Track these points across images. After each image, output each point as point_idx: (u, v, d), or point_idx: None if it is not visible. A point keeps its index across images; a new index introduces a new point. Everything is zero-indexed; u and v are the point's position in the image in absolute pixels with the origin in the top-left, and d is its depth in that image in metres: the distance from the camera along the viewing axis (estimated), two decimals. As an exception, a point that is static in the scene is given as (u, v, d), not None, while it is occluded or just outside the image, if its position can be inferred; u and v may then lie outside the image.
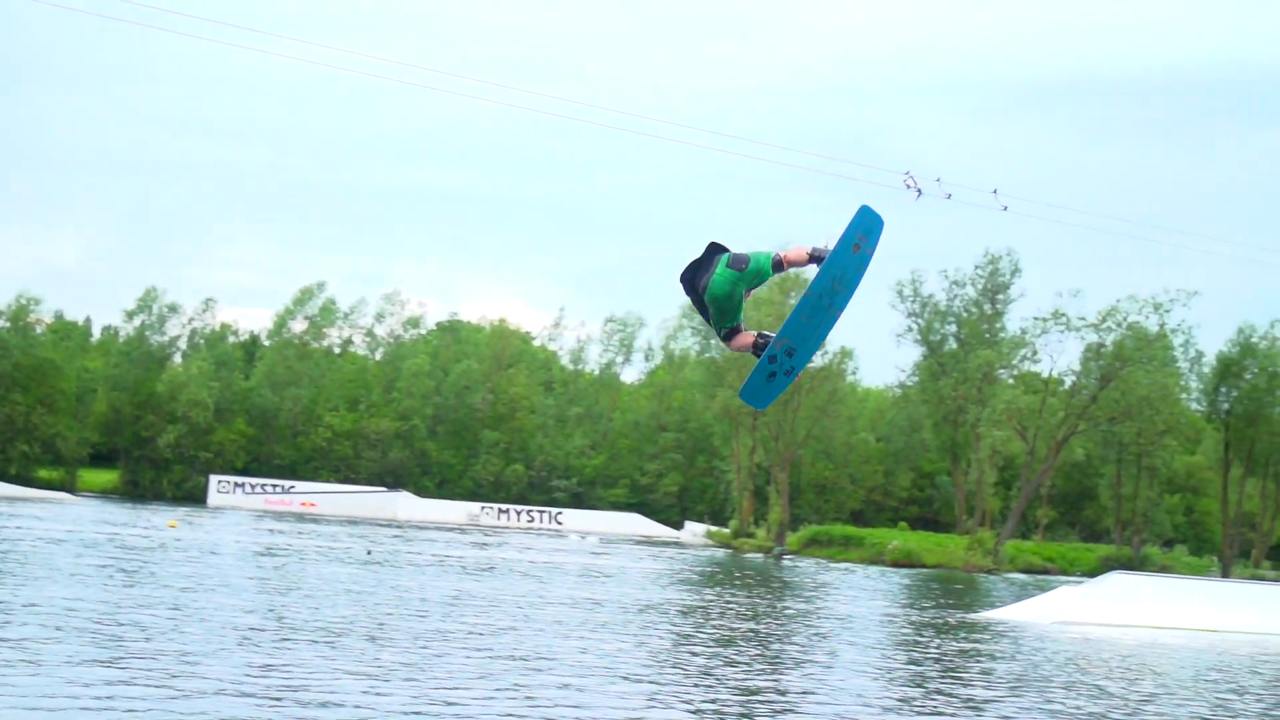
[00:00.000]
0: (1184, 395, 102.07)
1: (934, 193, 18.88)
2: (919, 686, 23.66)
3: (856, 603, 47.97)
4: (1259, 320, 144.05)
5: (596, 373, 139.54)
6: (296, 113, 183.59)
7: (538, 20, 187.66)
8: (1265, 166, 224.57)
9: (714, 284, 13.68)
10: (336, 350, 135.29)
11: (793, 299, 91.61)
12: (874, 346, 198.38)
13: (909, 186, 18.59)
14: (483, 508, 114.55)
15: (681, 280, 13.78)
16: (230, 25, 29.77)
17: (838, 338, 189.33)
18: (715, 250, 13.68)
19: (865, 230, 14.13)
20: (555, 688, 19.68)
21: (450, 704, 17.59)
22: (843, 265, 13.70)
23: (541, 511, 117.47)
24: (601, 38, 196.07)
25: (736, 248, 13.75)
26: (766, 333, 13.97)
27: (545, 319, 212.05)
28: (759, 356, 13.89)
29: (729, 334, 13.91)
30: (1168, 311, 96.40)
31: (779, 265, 13.66)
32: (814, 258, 13.73)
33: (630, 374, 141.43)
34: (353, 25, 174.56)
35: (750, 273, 13.60)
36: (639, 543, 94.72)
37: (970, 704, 21.81)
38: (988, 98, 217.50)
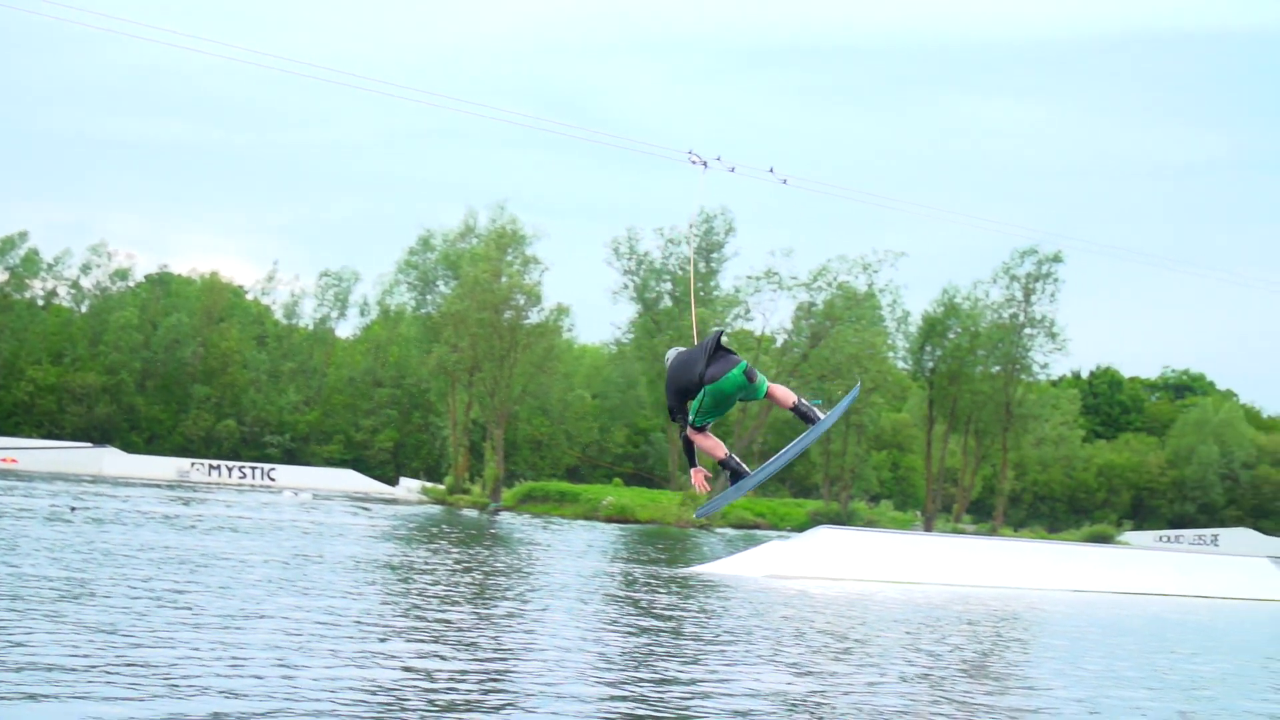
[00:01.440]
0: (891, 354, 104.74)
1: (718, 167, 19.10)
2: (633, 638, 23.80)
3: (571, 558, 48.15)
4: (962, 281, 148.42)
5: (311, 327, 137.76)
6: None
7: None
8: (969, 132, 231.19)
9: (727, 381, 14.78)
10: (40, 303, 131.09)
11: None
12: (590, 304, 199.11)
13: (694, 162, 18.88)
14: (193, 464, 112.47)
15: (679, 359, 15.14)
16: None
17: (554, 294, 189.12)
18: (723, 344, 15.02)
19: (854, 401, 17.01)
20: (264, 646, 19.31)
21: (150, 665, 17.12)
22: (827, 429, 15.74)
23: (254, 468, 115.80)
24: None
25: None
26: (740, 462, 15.55)
27: (258, 272, 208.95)
28: (725, 469, 15.46)
29: (702, 428, 15.17)
30: (876, 272, 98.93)
31: (768, 395, 15.17)
32: (798, 410, 15.45)
33: (345, 329, 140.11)
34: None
35: (753, 389, 14.94)
36: (353, 499, 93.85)
37: (683, 656, 22.02)
38: (709, 59, 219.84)
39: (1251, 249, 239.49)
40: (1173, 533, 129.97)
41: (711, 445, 15.41)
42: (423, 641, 21.22)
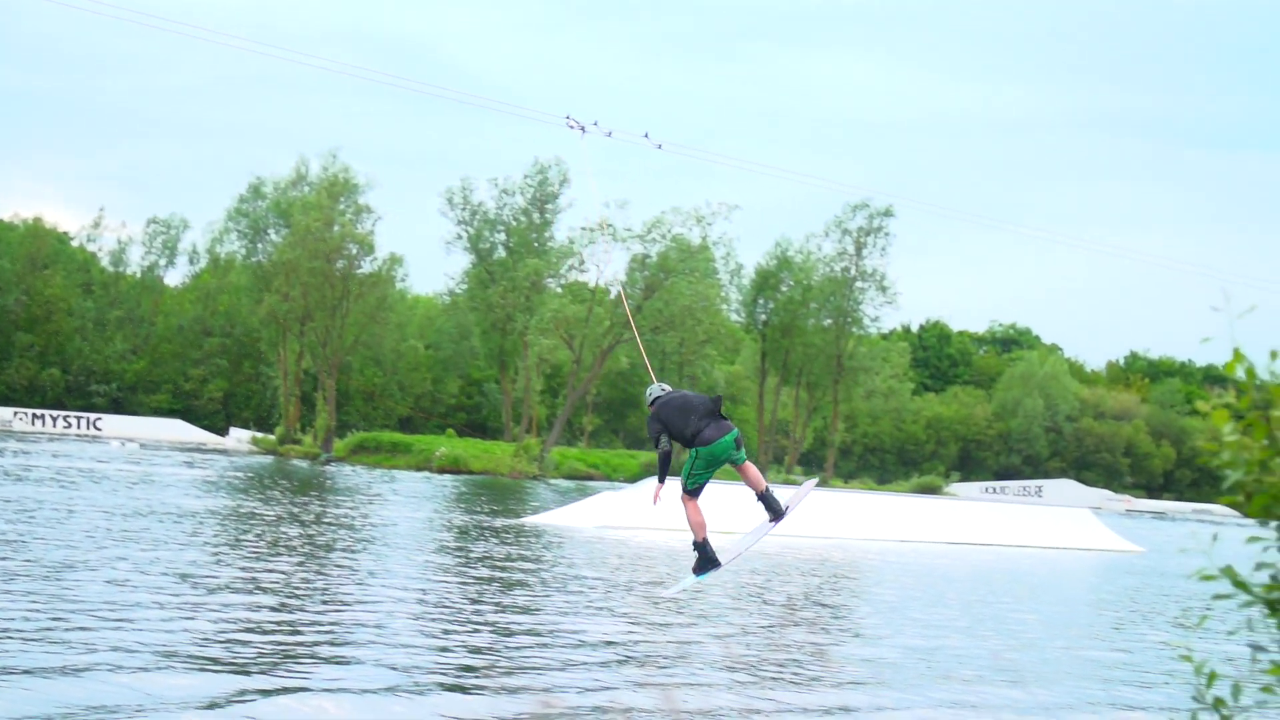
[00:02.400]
0: (724, 306, 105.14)
1: (596, 132, 19.05)
2: (465, 588, 23.77)
3: (403, 508, 47.97)
4: (795, 235, 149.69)
5: (138, 275, 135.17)
6: None
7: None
8: (803, 89, 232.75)
9: (719, 446, 15.89)
10: None
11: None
12: (423, 253, 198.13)
13: (572, 126, 18.82)
14: (15, 413, 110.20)
15: (673, 401, 16.11)
16: None
17: (386, 244, 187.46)
18: (720, 408, 16.16)
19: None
20: (92, 599, 19.00)
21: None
22: None
23: (79, 417, 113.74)
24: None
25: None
26: (714, 552, 16.57)
27: (84, 219, 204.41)
28: (697, 549, 16.47)
29: (696, 491, 16.39)
30: (710, 225, 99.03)
31: (742, 468, 16.27)
32: (765, 498, 16.49)
33: (174, 277, 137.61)
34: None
35: (737, 456, 16.05)
36: (182, 449, 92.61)
37: (515, 605, 22.03)
38: (541, 9, 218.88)
39: (1077, 206, 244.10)
40: (998, 484, 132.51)
41: (697, 522, 16.48)
42: (253, 593, 21.01)
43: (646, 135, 21.70)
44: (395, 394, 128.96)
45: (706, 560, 16.48)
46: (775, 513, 16.79)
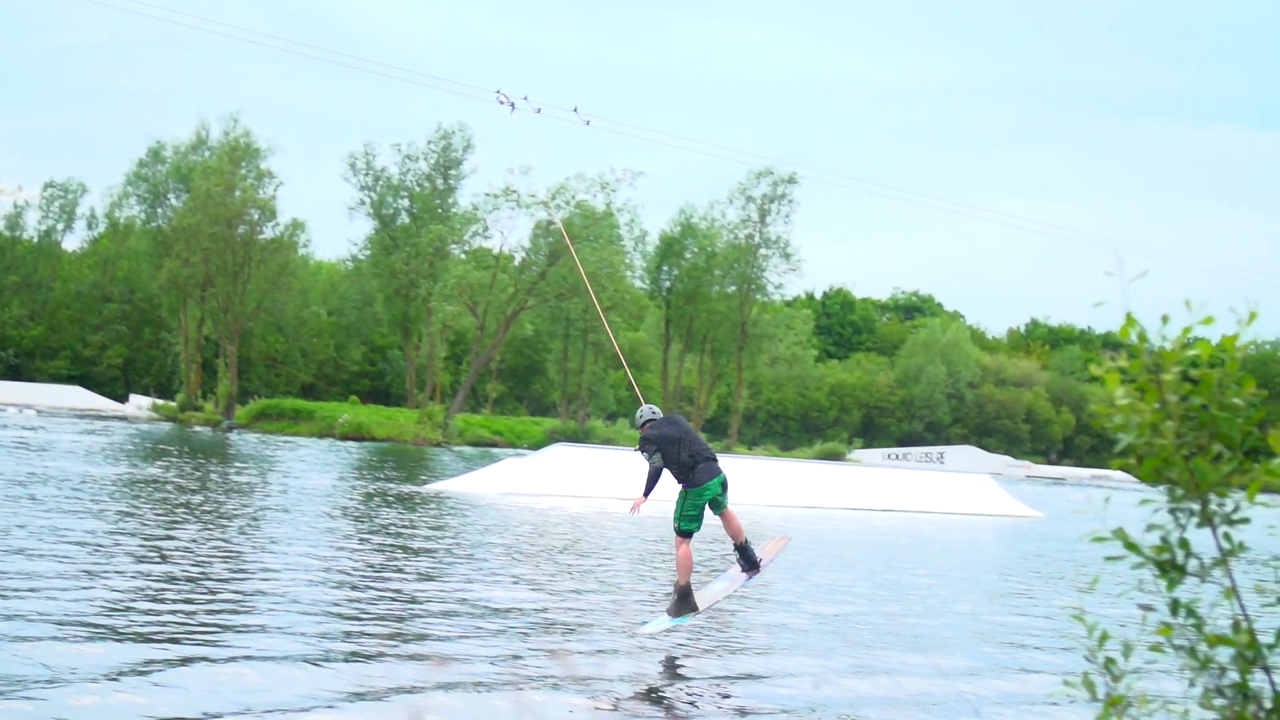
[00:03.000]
0: (628, 273, 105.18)
1: (525, 108, 18.96)
2: (369, 556, 23.70)
3: (306, 475, 47.74)
4: (699, 202, 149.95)
5: (35, 240, 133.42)
6: None
7: None
8: (709, 57, 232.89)
9: (707, 489, 16.83)
10: None
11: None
12: (326, 219, 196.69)
13: (501, 102, 18.75)
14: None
15: (669, 429, 16.91)
16: None
17: (289, 209, 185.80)
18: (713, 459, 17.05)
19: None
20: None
21: None
22: None
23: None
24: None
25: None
26: (694, 599, 16.81)
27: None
28: (678, 592, 16.69)
29: (688, 534, 16.91)
30: (614, 191, 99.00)
31: (724, 514, 17.15)
32: (743, 550, 17.32)
33: (72, 242, 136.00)
34: None
35: (722, 500, 17.04)
36: (81, 416, 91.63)
37: (418, 572, 22.00)
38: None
39: (980, 175, 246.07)
40: (901, 450, 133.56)
41: (685, 566, 16.83)
42: (156, 561, 20.84)
43: (576, 110, 21.77)
44: (298, 361, 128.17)
45: (686, 605, 16.78)
46: (752, 565, 17.44)
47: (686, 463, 16.71)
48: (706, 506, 16.99)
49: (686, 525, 16.84)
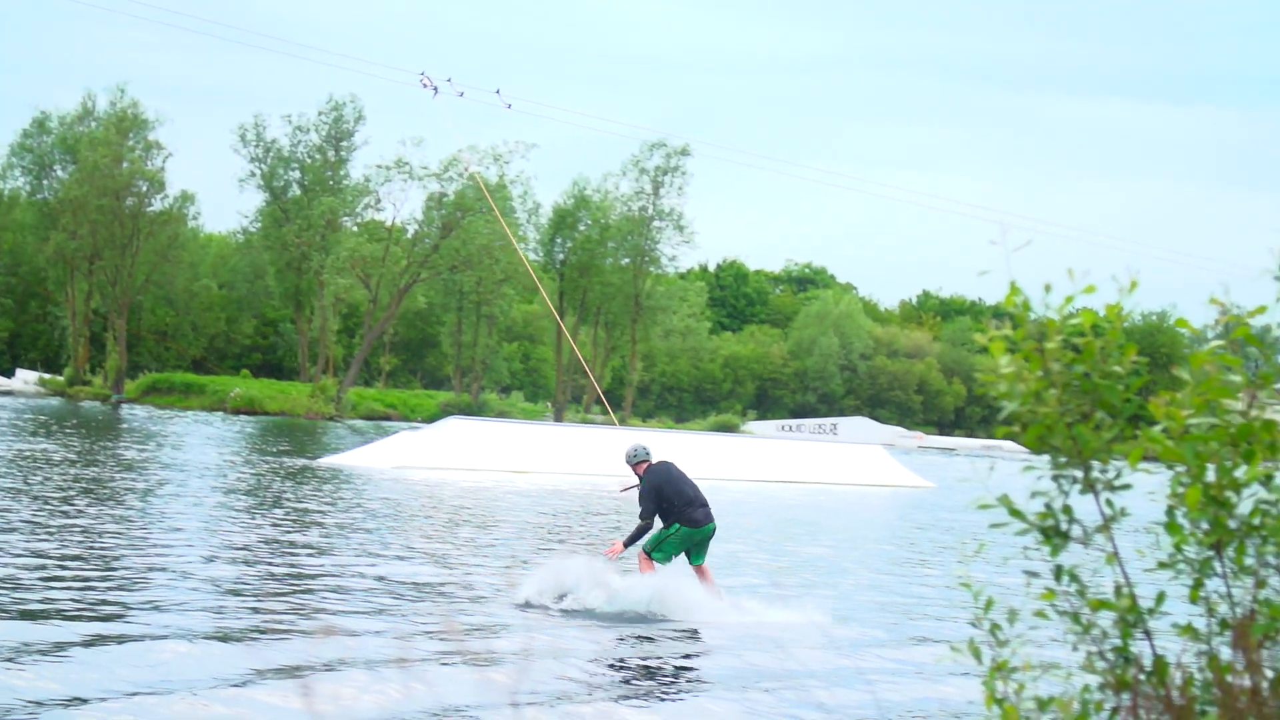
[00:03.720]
0: (522, 245, 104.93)
1: (448, 91, 18.83)
2: (261, 530, 23.56)
3: (197, 450, 47.37)
4: (593, 174, 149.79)
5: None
6: None
7: None
8: (597, 27, 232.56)
9: (701, 532, 17.63)
10: None
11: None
12: (216, 191, 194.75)
13: (425, 86, 18.65)
14: None
15: (668, 473, 17.82)
16: None
17: (178, 181, 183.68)
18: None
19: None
20: None
21: None
22: None
23: None
24: None
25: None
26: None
27: None
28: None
29: (660, 562, 17.52)
30: (508, 163, 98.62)
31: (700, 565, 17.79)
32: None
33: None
34: None
35: (701, 553, 17.84)
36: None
37: (311, 546, 21.91)
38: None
39: (871, 147, 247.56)
40: (794, 422, 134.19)
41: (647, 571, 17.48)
42: (44, 539, 20.61)
43: (498, 92, 21.82)
44: (188, 334, 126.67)
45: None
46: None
47: (690, 501, 17.52)
48: (685, 552, 17.67)
49: (660, 555, 17.48)
